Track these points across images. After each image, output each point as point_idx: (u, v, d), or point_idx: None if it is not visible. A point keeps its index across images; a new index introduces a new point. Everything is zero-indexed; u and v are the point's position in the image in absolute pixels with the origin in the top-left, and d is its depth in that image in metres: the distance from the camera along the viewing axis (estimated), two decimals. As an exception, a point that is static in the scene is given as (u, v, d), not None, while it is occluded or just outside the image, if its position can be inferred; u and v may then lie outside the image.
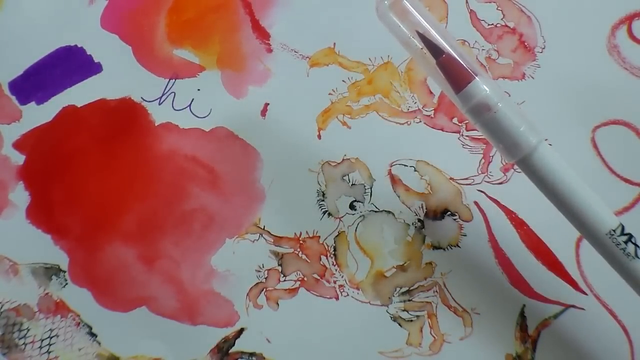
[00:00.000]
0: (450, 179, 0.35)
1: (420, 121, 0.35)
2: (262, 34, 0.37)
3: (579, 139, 0.34)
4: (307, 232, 0.35)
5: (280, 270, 0.36)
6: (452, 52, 0.27)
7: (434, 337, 0.34)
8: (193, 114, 0.37)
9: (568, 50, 0.34)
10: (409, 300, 0.35)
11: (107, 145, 0.37)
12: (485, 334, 0.34)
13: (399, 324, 0.35)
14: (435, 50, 0.27)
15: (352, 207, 0.35)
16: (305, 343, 0.35)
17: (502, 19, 0.35)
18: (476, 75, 0.26)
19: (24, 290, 0.38)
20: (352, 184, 0.35)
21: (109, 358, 0.37)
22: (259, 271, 0.36)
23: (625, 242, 0.27)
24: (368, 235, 0.35)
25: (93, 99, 0.38)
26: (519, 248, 0.34)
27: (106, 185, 0.37)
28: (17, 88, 0.39)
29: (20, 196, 0.38)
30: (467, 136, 0.35)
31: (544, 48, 0.34)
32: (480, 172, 0.34)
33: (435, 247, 0.35)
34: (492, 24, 0.35)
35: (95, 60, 0.38)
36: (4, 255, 0.38)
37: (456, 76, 0.26)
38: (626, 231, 0.27)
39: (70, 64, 0.38)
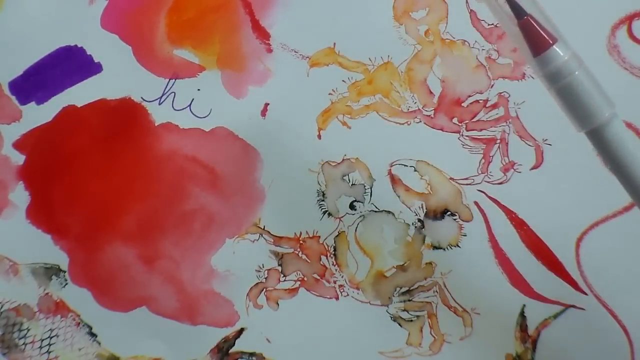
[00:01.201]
0: (450, 179, 0.35)
1: (420, 121, 0.35)
2: (262, 34, 0.37)
3: (579, 138, 0.33)
4: (307, 232, 0.35)
5: (280, 270, 0.36)
6: (535, 14, 0.26)
7: (434, 337, 0.34)
8: (193, 114, 0.37)
9: (568, 50, 0.34)
10: (409, 300, 0.35)
11: (107, 145, 0.37)
12: (485, 334, 0.34)
13: (399, 324, 0.35)
14: (518, 11, 0.26)
15: (352, 207, 0.35)
16: (305, 343, 0.35)
17: (502, 19, 0.35)
18: (557, 41, 0.26)
19: (24, 290, 0.38)
20: (352, 184, 0.35)
21: (109, 358, 0.37)
22: (259, 271, 0.36)
23: None
24: (368, 235, 0.35)
25: (93, 99, 0.38)
26: (519, 248, 0.34)
27: (106, 185, 0.37)
28: (17, 88, 0.39)
29: (20, 196, 0.38)
30: (467, 136, 0.35)
31: (544, 48, 0.34)
32: (480, 172, 0.34)
33: (435, 247, 0.35)
34: (492, 24, 0.35)
35: (95, 60, 0.38)
36: (4, 255, 0.38)
37: (536, 39, 0.26)
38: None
39: (70, 64, 0.38)
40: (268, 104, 0.36)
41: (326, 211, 0.35)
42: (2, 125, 0.38)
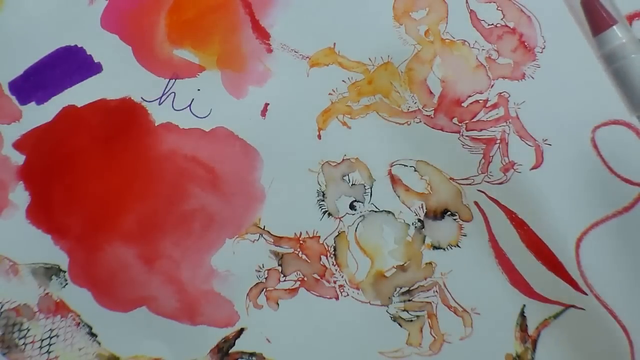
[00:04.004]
0: (450, 179, 0.35)
1: (420, 121, 0.35)
2: (262, 34, 0.37)
3: (579, 139, 0.34)
4: (307, 232, 0.35)
5: (280, 270, 0.36)
6: None
7: (434, 337, 0.34)
8: (193, 114, 0.37)
9: (568, 50, 0.34)
10: (409, 300, 0.35)
11: (107, 145, 0.37)
12: (485, 334, 0.34)
13: (399, 324, 0.35)
14: None
15: (352, 207, 0.35)
16: (305, 343, 0.35)
17: (502, 19, 0.35)
18: (616, 23, 0.26)
19: (24, 290, 0.38)
20: (352, 184, 0.35)
21: (109, 358, 0.37)
22: (259, 271, 0.36)
23: None
24: (368, 235, 0.35)
25: (93, 99, 0.38)
26: (519, 248, 0.34)
27: (106, 185, 0.37)
28: (17, 88, 0.39)
29: (20, 196, 0.38)
30: (467, 136, 0.35)
31: (544, 48, 0.34)
32: (480, 172, 0.34)
33: (435, 247, 0.35)
34: (492, 24, 0.35)
35: (95, 60, 0.38)
36: (4, 255, 0.38)
37: (597, 19, 0.27)
38: None
39: (70, 64, 0.38)
40: (268, 104, 0.36)
41: (326, 211, 0.35)
42: (2, 125, 0.38)
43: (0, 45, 0.39)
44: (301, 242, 0.36)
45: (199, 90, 0.37)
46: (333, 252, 0.35)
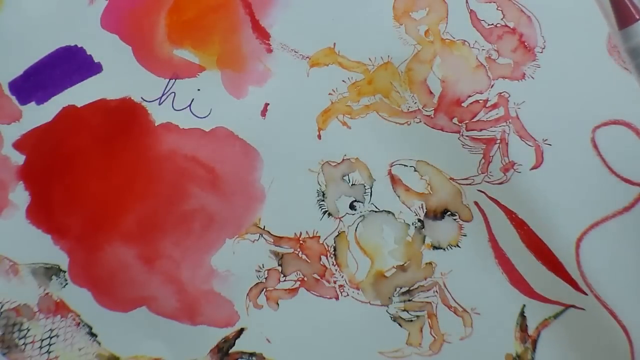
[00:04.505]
0: (450, 179, 0.35)
1: (420, 121, 0.35)
2: (262, 34, 0.37)
3: (579, 139, 0.34)
4: (307, 232, 0.35)
5: (280, 270, 0.36)
6: None
7: (434, 337, 0.34)
8: (193, 114, 0.37)
9: (568, 50, 0.34)
10: (409, 300, 0.35)
11: (107, 146, 0.37)
12: (485, 334, 0.34)
13: (399, 324, 0.35)
14: None
15: (352, 207, 0.35)
16: (305, 343, 0.35)
17: (502, 19, 0.35)
18: None
19: (24, 290, 0.38)
20: (352, 184, 0.35)
21: (109, 358, 0.37)
22: (259, 271, 0.36)
23: None
24: (368, 235, 0.35)
25: (93, 99, 0.38)
26: (519, 248, 0.34)
27: (106, 185, 0.37)
28: (17, 88, 0.39)
29: (20, 196, 0.38)
30: (467, 136, 0.35)
31: (544, 48, 0.34)
32: (480, 172, 0.34)
33: (435, 247, 0.35)
34: (492, 24, 0.35)
35: (95, 60, 0.38)
36: (4, 255, 0.38)
37: (624, 12, 0.27)
38: None
39: (70, 64, 0.38)
40: (268, 104, 0.36)
41: (326, 211, 0.35)
42: (2, 125, 0.38)
43: (0, 45, 0.39)
44: (301, 242, 0.36)
45: (199, 90, 0.37)
46: (333, 252, 0.35)
